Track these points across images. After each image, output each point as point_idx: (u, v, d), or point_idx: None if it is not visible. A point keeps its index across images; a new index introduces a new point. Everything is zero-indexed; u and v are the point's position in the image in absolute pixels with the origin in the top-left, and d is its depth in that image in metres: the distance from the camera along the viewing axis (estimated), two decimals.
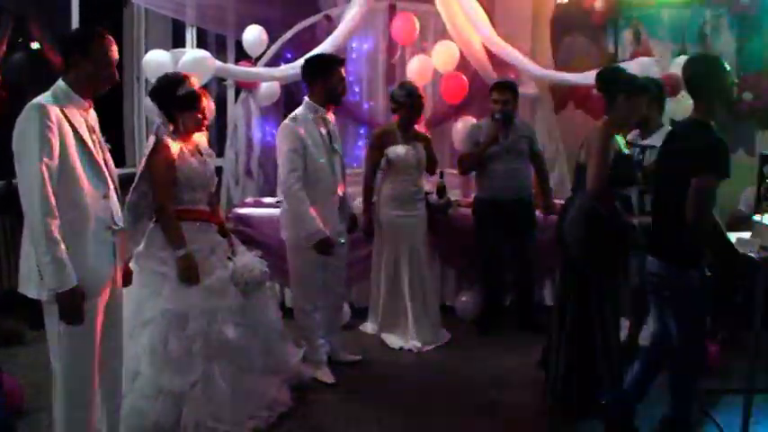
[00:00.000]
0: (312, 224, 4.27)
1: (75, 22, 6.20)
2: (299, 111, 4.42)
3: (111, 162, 3.12)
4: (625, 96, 3.79)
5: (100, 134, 3.10)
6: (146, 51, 6.13)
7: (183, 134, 3.81)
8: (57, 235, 2.76)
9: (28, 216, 2.79)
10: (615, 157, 3.75)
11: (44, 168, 2.75)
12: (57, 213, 2.77)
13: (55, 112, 2.82)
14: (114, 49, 3.01)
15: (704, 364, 3.70)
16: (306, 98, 4.46)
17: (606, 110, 3.87)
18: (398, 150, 5.10)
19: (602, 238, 3.76)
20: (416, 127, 5.32)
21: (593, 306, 3.82)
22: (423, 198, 5.32)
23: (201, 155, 3.88)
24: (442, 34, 6.59)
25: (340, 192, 4.56)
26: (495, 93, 5.41)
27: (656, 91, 4.60)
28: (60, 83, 2.95)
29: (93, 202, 2.94)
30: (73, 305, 2.82)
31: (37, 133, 2.76)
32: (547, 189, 5.69)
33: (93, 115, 3.08)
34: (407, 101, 5.12)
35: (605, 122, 3.82)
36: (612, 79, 3.89)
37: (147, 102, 5.48)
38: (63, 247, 2.77)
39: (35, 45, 6.00)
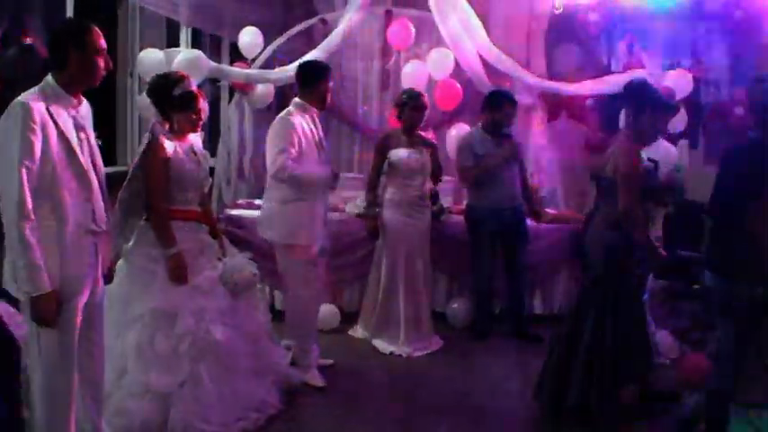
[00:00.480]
0: (321, 173, 4.41)
1: None
2: (291, 108, 4.45)
3: (99, 161, 3.08)
4: (652, 112, 3.80)
5: (91, 131, 3.06)
6: (140, 51, 6.12)
7: (178, 134, 3.80)
8: (31, 239, 2.73)
9: (5, 217, 2.76)
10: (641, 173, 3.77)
11: (23, 171, 2.71)
12: (33, 217, 2.73)
13: (40, 111, 2.78)
14: (103, 40, 2.97)
15: (729, 392, 3.62)
16: (296, 98, 4.49)
17: (628, 123, 3.88)
18: (401, 153, 5.12)
19: (628, 256, 3.79)
20: (424, 134, 5.36)
21: (609, 322, 3.83)
22: (427, 205, 5.31)
23: (196, 155, 3.86)
24: (438, 41, 6.59)
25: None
26: (507, 106, 5.42)
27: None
28: (49, 79, 2.89)
29: (74, 205, 2.90)
30: (45, 309, 2.79)
31: (19, 134, 2.71)
32: (531, 196, 5.71)
33: (84, 112, 3.03)
34: (409, 102, 5.18)
35: (628, 137, 3.82)
36: (641, 93, 3.89)
37: (140, 100, 5.49)
38: (38, 251, 2.74)
39: (29, 41, 5.97)
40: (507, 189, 5.42)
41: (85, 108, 3.05)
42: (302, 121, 4.38)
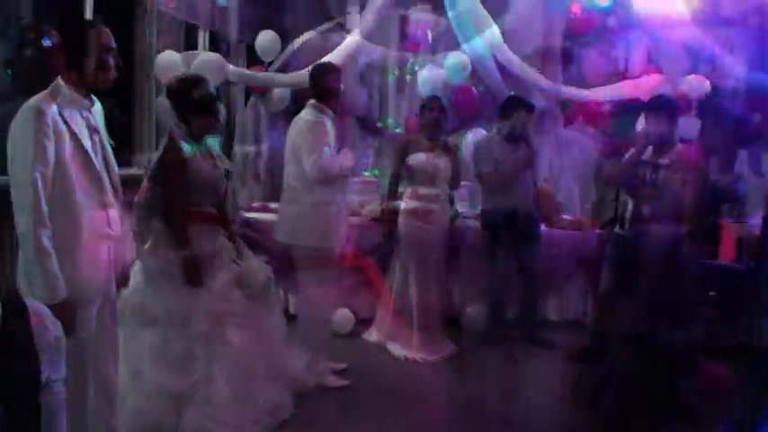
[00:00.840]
0: (347, 159, 4.47)
1: None
2: (313, 112, 4.44)
3: (113, 163, 3.05)
4: (726, 128, 3.83)
5: (104, 133, 3.03)
6: (157, 54, 6.15)
7: (195, 136, 3.80)
8: (48, 246, 2.69)
9: (19, 224, 2.70)
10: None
11: (38, 177, 2.66)
12: (48, 223, 2.69)
13: (51, 114, 2.74)
14: (111, 40, 2.94)
15: None
16: (313, 101, 4.49)
17: (702, 137, 3.91)
18: (419, 157, 5.13)
19: (694, 266, 3.82)
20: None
21: (671, 331, 3.84)
22: (444, 210, 5.29)
23: (213, 158, 3.87)
24: (454, 46, 6.59)
25: None
26: (523, 112, 5.40)
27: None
28: (59, 81, 2.85)
29: (89, 210, 2.87)
30: (62, 317, 2.70)
31: (31, 139, 2.67)
32: (545, 201, 5.69)
33: (97, 113, 3.00)
34: (426, 104, 5.25)
35: (699, 149, 3.85)
36: (717, 110, 3.92)
37: (159, 103, 5.52)
38: (54, 258, 2.70)
39: (47, 43, 6.00)
40: (521, 194, 5.40)
41: (97, 109, 3.03)
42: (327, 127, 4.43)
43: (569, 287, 5.94)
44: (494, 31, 6.06)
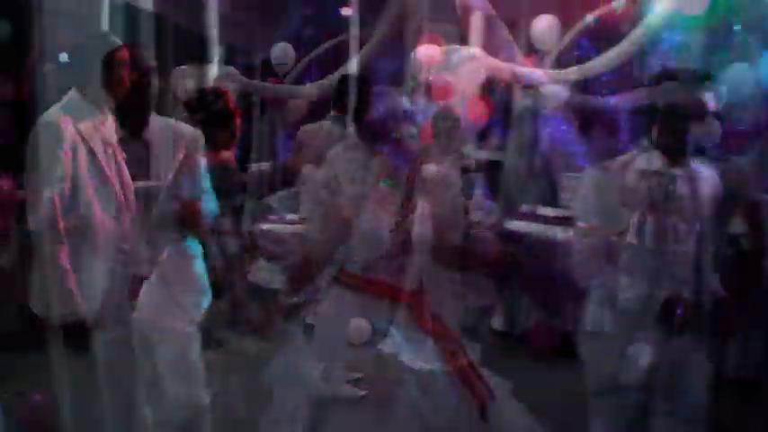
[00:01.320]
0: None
1: None
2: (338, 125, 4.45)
3: (127, 177, 3.07)
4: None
5: (117, 146, 3.04)
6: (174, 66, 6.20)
7: (211, 149, 3.82)
8: (66, 264, 2.69)
9: (36, 241, 2.70)
10: None
11: (55, 192, 2.67)
12: (66, 240, 2.69)
13: (68, 127, 2.75)
14: (124, 54, 2.97)
15: None
16: (334, 113, 4.49)
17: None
18: (429, 169, 5.13)
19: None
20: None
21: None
22: (458, 219, 5.26)
23: (229, 170, 3.89)
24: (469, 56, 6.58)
25: None
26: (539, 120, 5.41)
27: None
28: (73, 93, 2.87)
29: (104, 225, 2.88)
30: (80, 335, 2.77)
31: (49, 154, 2.68)
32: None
33: (110, 126, 3.02)
34: (438, 114, 5.29)
35: (753, 164, 3.85)
36: None
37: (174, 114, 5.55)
38: (72, 275, 2.70)
39: (64, 57, 6.07)
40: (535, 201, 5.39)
41: (110, 122, 3.04)
42: None
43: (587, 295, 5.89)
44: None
